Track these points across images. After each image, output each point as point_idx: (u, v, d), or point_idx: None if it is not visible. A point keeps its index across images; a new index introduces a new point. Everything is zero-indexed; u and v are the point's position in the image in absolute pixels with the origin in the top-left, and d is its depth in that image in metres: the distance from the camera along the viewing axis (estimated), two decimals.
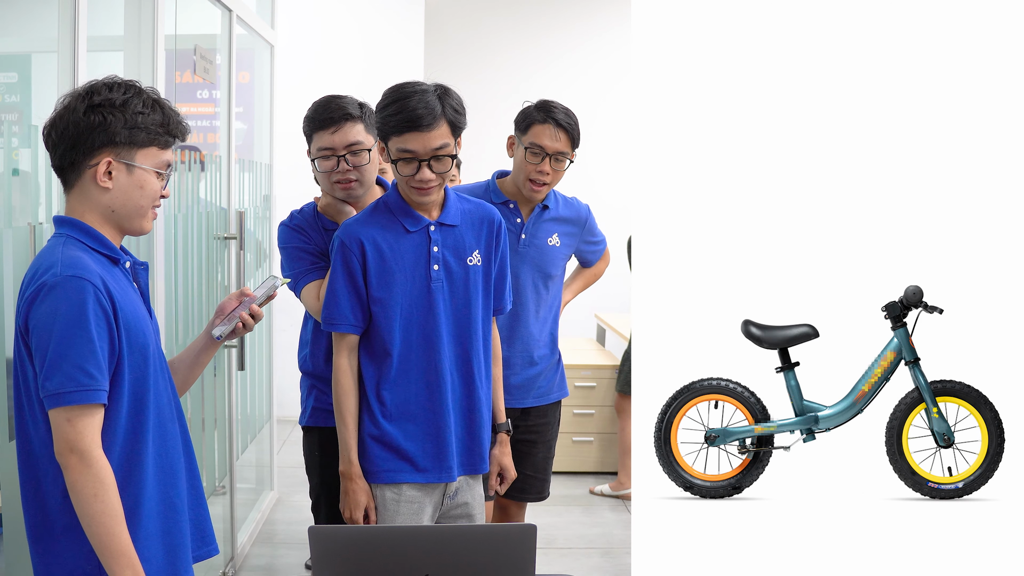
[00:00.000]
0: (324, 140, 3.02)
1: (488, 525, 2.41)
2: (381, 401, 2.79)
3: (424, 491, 2.82)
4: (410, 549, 2.06)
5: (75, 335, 2.06)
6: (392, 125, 2.69)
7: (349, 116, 3.01)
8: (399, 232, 2.77)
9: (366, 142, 3.03)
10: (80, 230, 2.17)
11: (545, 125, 3.42)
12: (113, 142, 2.15)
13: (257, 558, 4.90)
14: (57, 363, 2.06)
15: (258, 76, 6.04)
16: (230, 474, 4.65)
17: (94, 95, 2.16)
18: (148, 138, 2.19)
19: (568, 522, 5.32)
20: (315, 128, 3.03)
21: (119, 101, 2.16)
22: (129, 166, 2.17)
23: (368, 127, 3.04)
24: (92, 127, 2.14)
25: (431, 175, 2.70)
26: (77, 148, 2.15)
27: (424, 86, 2.73)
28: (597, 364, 6.27)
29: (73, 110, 2.15)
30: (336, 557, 2.06)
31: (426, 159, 2.68)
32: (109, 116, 2.14)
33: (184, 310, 4.00)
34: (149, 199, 2.22)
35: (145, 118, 2.18)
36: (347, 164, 3.01)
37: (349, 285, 2.76)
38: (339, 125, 3.00)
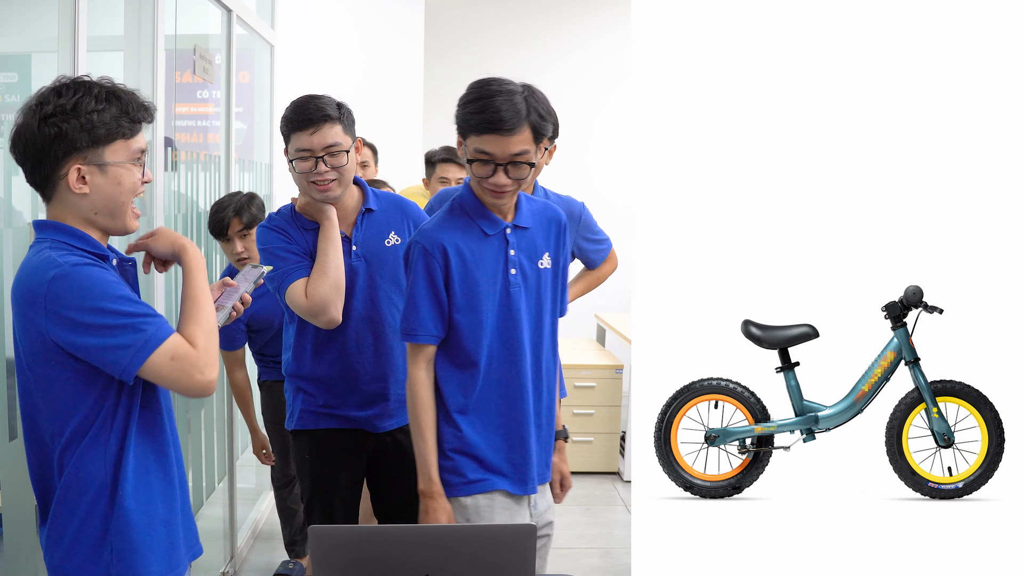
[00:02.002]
0: (302, 141, 2.96)
1: (487, 525, 2.40)
2: (463, 412, 2.63)
3: (516, 500, 2.69)
4: (410, 549, 2.05)
5: (111, 296, 2.03)
6: (473, 123, 2.53)
7: (327, 117, 2.96)
8: (478, 236, 2.61)
9: (344, 143, 2.99)
10: (63, 232, 2.12)
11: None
12: (76, 148, 2.08)
13: (257, 558, 4.90)
14: (119, 324, 2.02)
15: (258, 76, 6.04)
16: (230, 474, 4.65)
17: (44, 105, 2.08)
18: (109, 133, 2.11)
19: (568, 522, 5.30)
20: (293, 129, 2.99)
21: (70, 105, 2.08)
22: (101, 166, 2.11)
23: (346, 128, 3.00)
24: (50, 140, 2.07)
25: (506, 180, 2.54)
26: (43, 163, 2.09)
27: (512, 86, 2.57)
28: (597, 364, 6.25)
29: (27, 127, 2.08)
30: (336, 557, 2.05)
31: (503, 163, 2.53)
32: (63, 124, 2.07)
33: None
34: (129, 192, 2.15)
35: (101, 115, 2.09)
36: (325, 165, 2.96)
37: (431, 293, 2.59)
38: (317, 126, 2.95)
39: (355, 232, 3.06)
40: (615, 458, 6.21)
